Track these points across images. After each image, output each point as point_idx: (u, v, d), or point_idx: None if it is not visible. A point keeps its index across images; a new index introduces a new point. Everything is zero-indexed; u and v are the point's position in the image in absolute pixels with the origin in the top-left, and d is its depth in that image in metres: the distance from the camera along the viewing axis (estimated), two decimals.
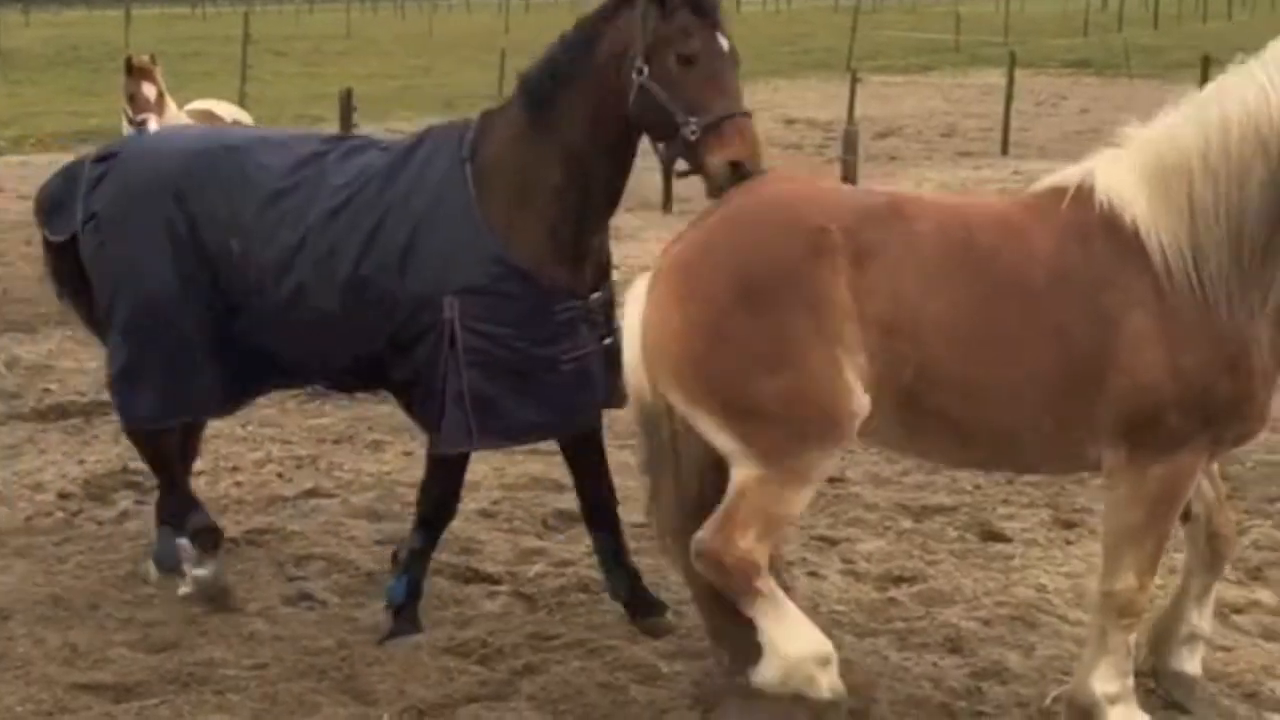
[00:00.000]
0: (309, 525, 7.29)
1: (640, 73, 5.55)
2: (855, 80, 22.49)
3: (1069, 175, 5.10)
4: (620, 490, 6.34)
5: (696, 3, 5.57)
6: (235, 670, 5.80)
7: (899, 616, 6.24)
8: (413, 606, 6.11)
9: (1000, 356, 4.91)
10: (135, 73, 12.71)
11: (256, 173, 6.04)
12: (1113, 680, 5.11)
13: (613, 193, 5.86)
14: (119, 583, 6.66)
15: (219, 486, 7.87)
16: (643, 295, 5.14)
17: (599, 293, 5.91)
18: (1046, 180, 5.20)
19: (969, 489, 7.85)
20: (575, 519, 7.48)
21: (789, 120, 26.91)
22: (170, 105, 12.93)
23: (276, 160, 6.07)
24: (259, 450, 8.55)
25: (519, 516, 7.55)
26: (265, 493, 7.85)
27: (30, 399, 9.70)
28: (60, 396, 9.74)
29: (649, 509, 5.46)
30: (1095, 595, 5.19)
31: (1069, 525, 7.28)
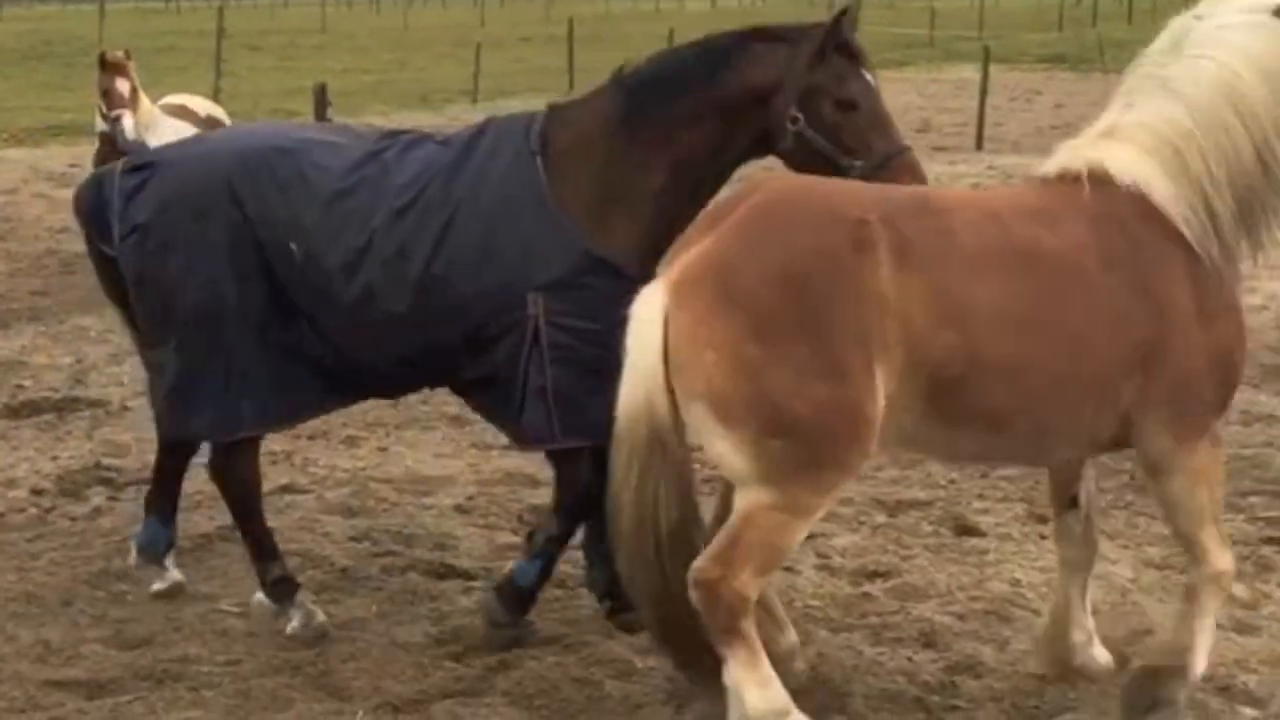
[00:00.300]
0: (283, 521, 7.25)
1: (795, 121, 5.57)
2: None
3: (1066, 164, 5.10)
4: None
5: (848, 46, 5.63)
6: (209, 666, 5.79)
7: (873, 611, 6.25)
8: (535, 594, 5.97)
9: (1051, 343, 4.88)
10: (109, 68, 12.63)
11: (315, 173, 5.83)
12: (1204, 659, 5.25)
13: (707, 202, 5.71)
14: (92, 579, 6.64)
15: (193, 482, 7.83)
16: (659, 304, 4.77)
17: None
18: (1040, 170, 5.22)
19: (943, 484, 7.87)
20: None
21: None
22: (144, 100, 12.87)
23: (333, 160, 5.87)
24: None
25: (494, 512, 7.54)
26: None
27: (2, 395, 9.66)
28: (33, 393, 9.71)
29: (615, 535, 5.00)
30: (1197, 582, 5.19)
31: (1043, 520, 7.28)
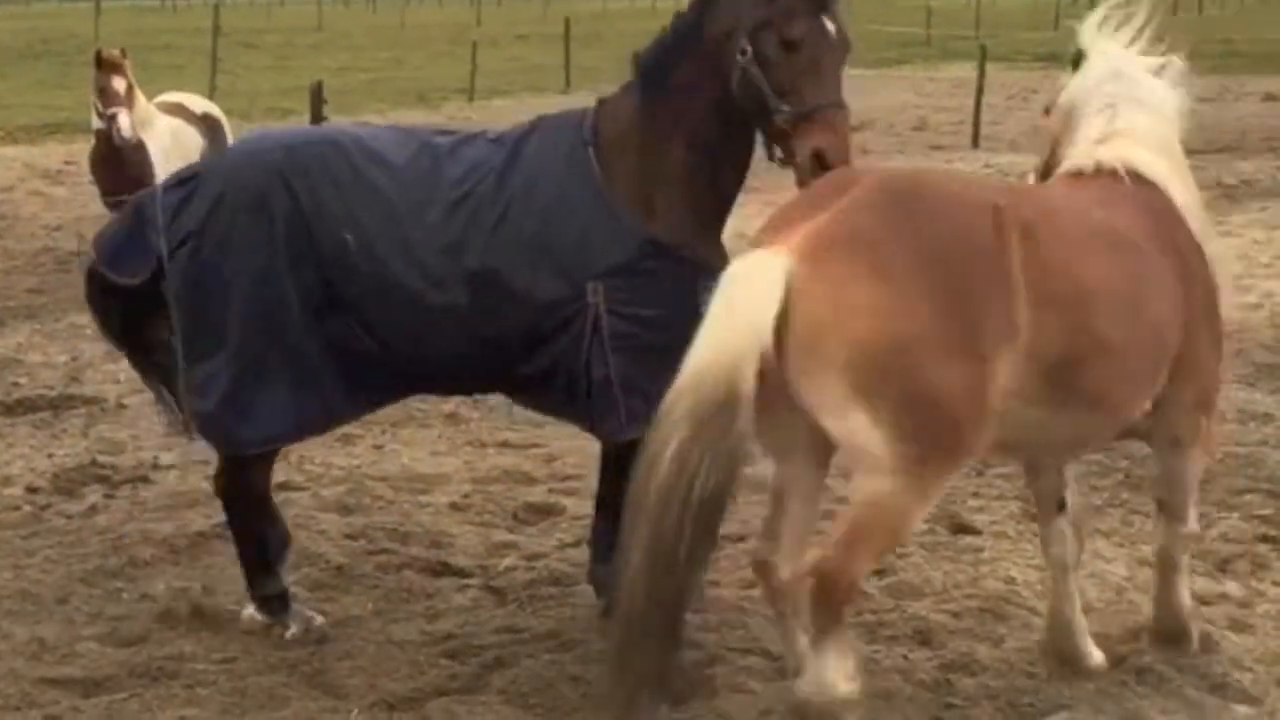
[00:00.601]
0: None
1: (743, 54, 5.46)
2: None
3: (1102, 159, 5.43)
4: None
5: None
6: (204, 664, 5.79)
7: (868, 609, 6.25)
8: None
9: (1143, 321, 5.08)
10: (105, 66, 12.65)
11: (368, 167, 5.77)
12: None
13: (739, 169, 5.73)
14: (87, 577, 6.64)
15: (189, 480, 7.84)
16: (780, 269, 4.56)
17: None
18: (1069, 167, 5.52)
19: None
20: (546, 512, 7.51)
21: None
22: (140, 99, 12.89)
23: (387, 154, 5.82)
24: None
25: (490, 510, 7.54)
26: None
27: None
28: (28, 390, 9.71)
29: (639, 493, 4.52)
30: (1173, 544, 5.65)
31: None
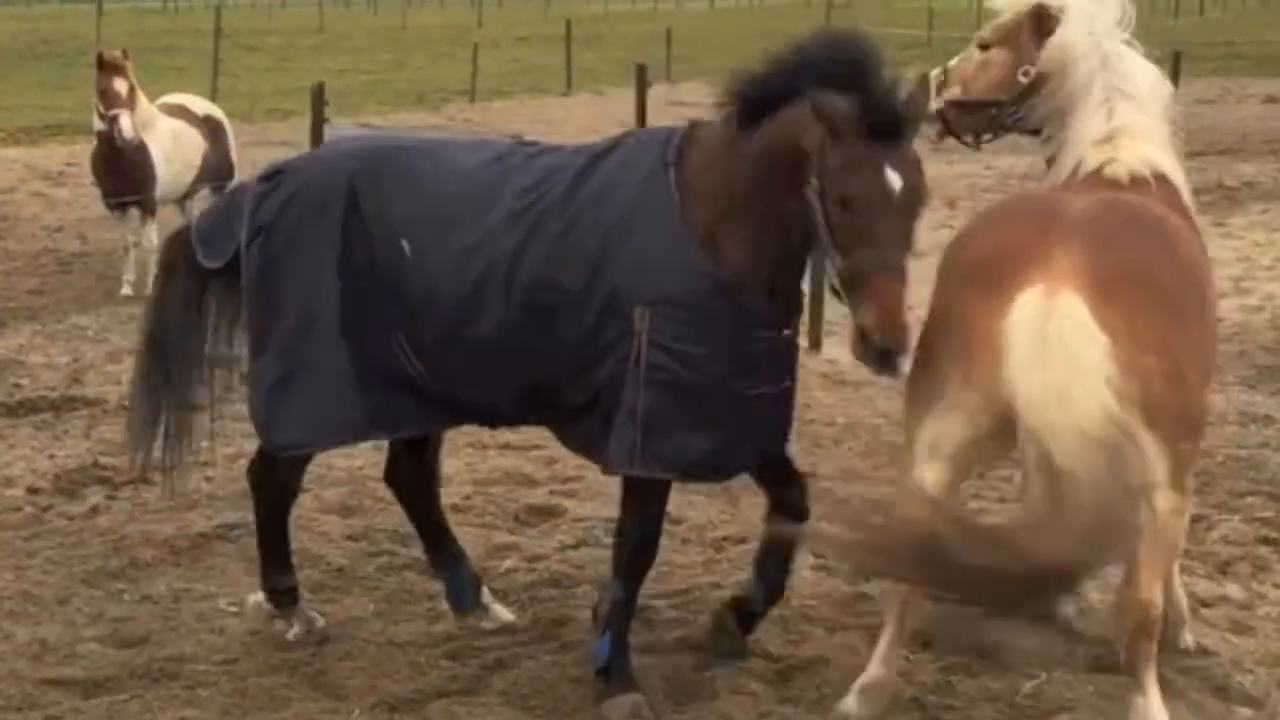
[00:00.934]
0: None
1: (810, 183, 5.03)
2: None
3: (1125, 162, 5.48)
4: None
5: (875, 126, 4.91)
6: (205, 665, 5.80)
7: (870, 611, 6.24)
8: (623, 663, 5.52)
9: (1209, 328, 5.11)
10: (107, 68, 12.65)
11: (436, 171, 5.65)
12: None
13: (809, 233, 5.16)
14: (89, 578, 6.64)
15: (189, 482, 7.83)
16: (1083, 310, 4.56)
17: (789, 330, 5.44)
18: (1089, 166, 5.56)
19: None
20: (547, 514, 7.52)
21: None
22: (142, 100, 12.89)
23: (459, 161, 5.70)
24: (230, 445, 8.46)
25: (491, 512, 7.54)
26: (236, 488, 7.76)
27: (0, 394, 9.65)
28: (30, 391, 9.70)
29: (1061, 523, 4.40)
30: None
31: None
